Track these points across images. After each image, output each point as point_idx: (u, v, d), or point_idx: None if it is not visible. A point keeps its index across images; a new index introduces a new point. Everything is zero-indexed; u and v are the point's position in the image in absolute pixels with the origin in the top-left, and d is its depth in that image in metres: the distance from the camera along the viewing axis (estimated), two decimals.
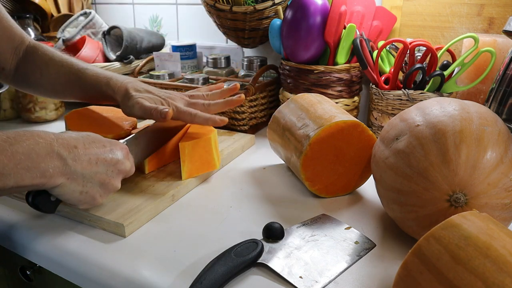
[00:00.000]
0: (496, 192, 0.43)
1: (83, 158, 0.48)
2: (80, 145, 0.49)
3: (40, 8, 1.28)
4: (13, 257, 0.61)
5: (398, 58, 0.78)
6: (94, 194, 0.50)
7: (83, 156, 0.48)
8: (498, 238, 0.34)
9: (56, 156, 0.46)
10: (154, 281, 0.46)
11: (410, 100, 0.76)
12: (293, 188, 0.67)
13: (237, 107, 0.88)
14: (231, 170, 0.74)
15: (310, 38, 0.82)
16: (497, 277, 0.31)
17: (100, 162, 0.50)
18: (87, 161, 0.48)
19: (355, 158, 0.63)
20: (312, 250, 0.50)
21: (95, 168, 0.49)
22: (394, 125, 0.53)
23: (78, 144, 0.49)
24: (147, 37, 1.16)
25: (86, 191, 0.49)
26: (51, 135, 0.47)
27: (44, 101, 0.98)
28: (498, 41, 0.76)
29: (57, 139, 0.47)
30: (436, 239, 0.35)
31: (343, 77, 0.85)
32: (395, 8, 0.93)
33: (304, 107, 0.66)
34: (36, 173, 0.44)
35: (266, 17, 0.93)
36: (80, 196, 0.49)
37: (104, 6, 1.43)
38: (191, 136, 0.67)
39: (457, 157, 0.44)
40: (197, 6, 1.23)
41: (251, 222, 0.57)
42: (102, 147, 0.51)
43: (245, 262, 0.46)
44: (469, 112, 0.47)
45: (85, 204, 0.51)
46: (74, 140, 0.49)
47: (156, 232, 0.55)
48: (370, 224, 0.57)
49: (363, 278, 0.46)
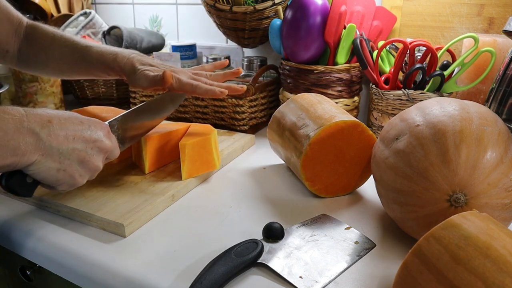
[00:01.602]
0: (496, 192, 0.43)
1: (58, 132, 0.45)
2: (55, 120, 0.45)
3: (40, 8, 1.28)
4: (13, 257, 0.61)
5: (398, 58, 0.78)
6: (73, 172, 0.47)
7: (58, 131, 0.45)
8: (498, 238, 0.34)
9: (27, 131, 0.42)
10: (154, 281, 0.46)
11: (410, 100, 0.76)
12: (293, 188, 0.67)
13: (237, 107, 0.88)
14: (231, 170, 0.74)
15: (310, 38, 0.82)
16: (497, 277, 0.31)
17: (78, 138, 0.47)
18: (63, 136, 0.45)
19: (355, 158, 0.63)
20: (312, 250, 0.50)
21: (72, 145, 0.46)
22: (394, 125, 0.53)
23: (53, 119, 0.45)
24: (147, 37, 1.16)
25: (63, 169, 0.45)
26: (21, 111, 0.43)
27: (44, 101, 0.98)
28: (498, 41, 0.76)
29: (27, 114, 0.43)
30: (436, 239, 0.35)
31: (343, 77, 0.85)
32: (395, 8, 0.93)
33: (304, 107, 0.66)
34: (6, 151, 0.40)
35: (266, 17, 0.93)
36: (57, 174, 0.45)
37: (104, 6, 1.43)
38: (191, 136, 0.67)
39: (457, 157, 0.44)
40: (197, 6, 1.23)
41: (251, 222, 0.57)
42: (79, 123, 0.48)
43: (245, 262, 0.46)
44: (469, 112, 0.47)
45: (64, 185, 0.47)
46: (47, 115, 0.45)
47: (156, 232, 0.55)
48: (370, 224, 0.57)
49: (363, 278, 0.46)
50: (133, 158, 0.72)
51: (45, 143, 0.43)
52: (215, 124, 0.93)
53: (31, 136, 0.42)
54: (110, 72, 0.69)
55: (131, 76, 0.66)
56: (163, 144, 0.69)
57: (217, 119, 0.93)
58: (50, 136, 0.44)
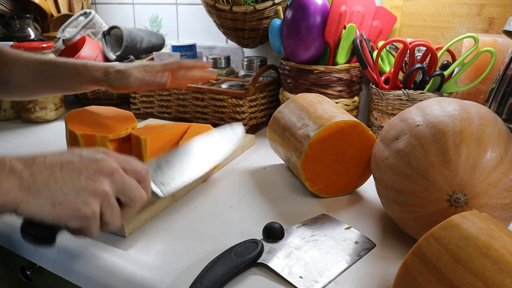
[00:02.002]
0: (496, 192, 0.43)
1: (42, 168, 0.41)
2: (40, 158, 0.42)
3: (40, 8, 1.28)
4: (13, 257, 0.61)
5: (398, 58, 0.78)
6: (74, 204, 0.41)
7: (42, 167, 0.41)
8: (498, 238, 0.34)
9: (8, 171, 0.40)
10: (154, 281, 0.46)
11: (410, 100, 0.76)
12: (293, 188, 0.67)
13: (237, 107, 0.88)
14: (231, 170, 0.74)
15: (310, 38, 0.82)
16: (497, 277, 0.31)
17: (66, 167, 0.42)
18: (48, 169, 0.41)
19: (355, 158, 0.63)
20: (312, 250, 0.50)
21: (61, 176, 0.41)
22: (394, 125, 0.53)
23: (37, 158, 0.42)
24: (147, 37, 1.16)
25: (59, 202, 0.41)
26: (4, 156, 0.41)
27: (44, 101, 0.98)
28: (498, 41, 0.76)
29: (11, 157, 0.41)
30: (436, 239, 0.35)
31: (343, 77, 0.85)
32: (395, 8, 0.93)
33: (304, 107, 0.66)
34: None
35: (266, 17, 0.93)
36: (54, 210, 0.41)
37: (104, 6, 1.43)
38: (191, 136, 0.67)
39: (457, 157, 0.44)
40: (197, 6, 1.23)
41: (251, 222, 0.57)
42: (70, 154, 0.44)
43: (245, 262, 0.46)
44: (469, 112, 0.47)
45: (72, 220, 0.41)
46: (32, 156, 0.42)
47: (156, 232, 0.55)
48: (370, 224, 0.57)
49: (363, 278, 0.46)
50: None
51: (29, 181, 0.40)
52: (215, 124, 0.92)
53: (13, 175, 0.40)
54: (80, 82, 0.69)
55: (108, 76, 0.68)
56: (163, 144, 0.69)
57: (217, 119, 0.93)
58: (33, 173, 0.41)
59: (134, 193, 0.44)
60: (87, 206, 0.42)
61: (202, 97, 0.92)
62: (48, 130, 0.96)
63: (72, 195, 0.41)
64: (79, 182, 0.42)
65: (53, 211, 0.41)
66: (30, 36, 1.18)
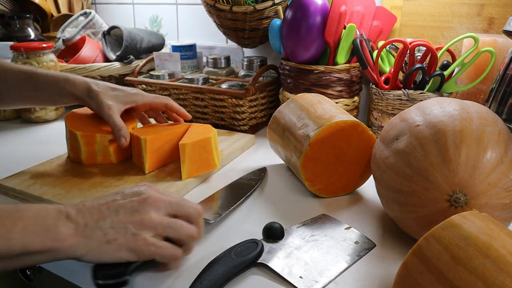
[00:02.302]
0: (496, 192, 0.43)
1: (92, 211, 0.44)
2: (89, 202, 0.45)
3: (40, 8, 1.28)
4: None
5: (398, 58, 0.78)
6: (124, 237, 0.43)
7: (92, 210, 0.44)
8: (498, 238, 0.34)
9: (65, 218, 0.42)
10: (154, 281, 0.46)
11: (410, 100, 0.76)
12: (293, 188, 0.67)
13: (237, 107, 0.88)
14: (231, 170, 0.74)
15: (310, 38, 0.82)
16: (497, 277, 0.31)
17: (111, 205, 0.45)
18: (97, 210, 0.44)
19: (355, 158, 0.63)
20: (312, 250, 0.50)
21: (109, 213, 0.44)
22: (394, 125, 0.53)
23: (87, 203, 0.45)
24: (147, 37, 1.16)
25: (113, 238, 0.42)
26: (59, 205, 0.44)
27: None
28: (498, 41, 0.76)
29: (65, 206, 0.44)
30: (436, 239, 0.35)
31: (343, 77, 0.85)
32: (395, 8, 0.93)
33: (304, 107, 0.66)
34: (46, 236, 0.40)
35: (266, 17, 0.93)
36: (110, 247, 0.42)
37: (104, 6, 1.43)
38: (191, 136, 0.67)
39: (457, 157, 0.44)
40: (197, 6, 1.23)
41: (251, 222, 0.57)
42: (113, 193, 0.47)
43: (245, 262, 0.46)
44: (469, 112, 0.47)
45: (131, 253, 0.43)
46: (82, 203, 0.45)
47: None
48: (370, 224, 0.57)
49: (363, 278, 0.46)
50: (133, 158, 0.72)
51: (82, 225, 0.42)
52: (215, 124, 0.93)
53: (70, 221, 0.42)
54: (59, 94, 0.68)
55: (88, 97, 0.67)
56: (163, 144, 0.69)
57: (217, 119, 0.93)
58: (85, 218, 0.43)
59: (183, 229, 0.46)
60: (136, 237, 0.43)
61: (202, 97, 0.92)
62: (48, 130, 0.96)
63: (121, 229, 0.43)
64: (125, 216, 0.44)
65: (109, 249, 0.42)
66: (30, 36, 1.18)
